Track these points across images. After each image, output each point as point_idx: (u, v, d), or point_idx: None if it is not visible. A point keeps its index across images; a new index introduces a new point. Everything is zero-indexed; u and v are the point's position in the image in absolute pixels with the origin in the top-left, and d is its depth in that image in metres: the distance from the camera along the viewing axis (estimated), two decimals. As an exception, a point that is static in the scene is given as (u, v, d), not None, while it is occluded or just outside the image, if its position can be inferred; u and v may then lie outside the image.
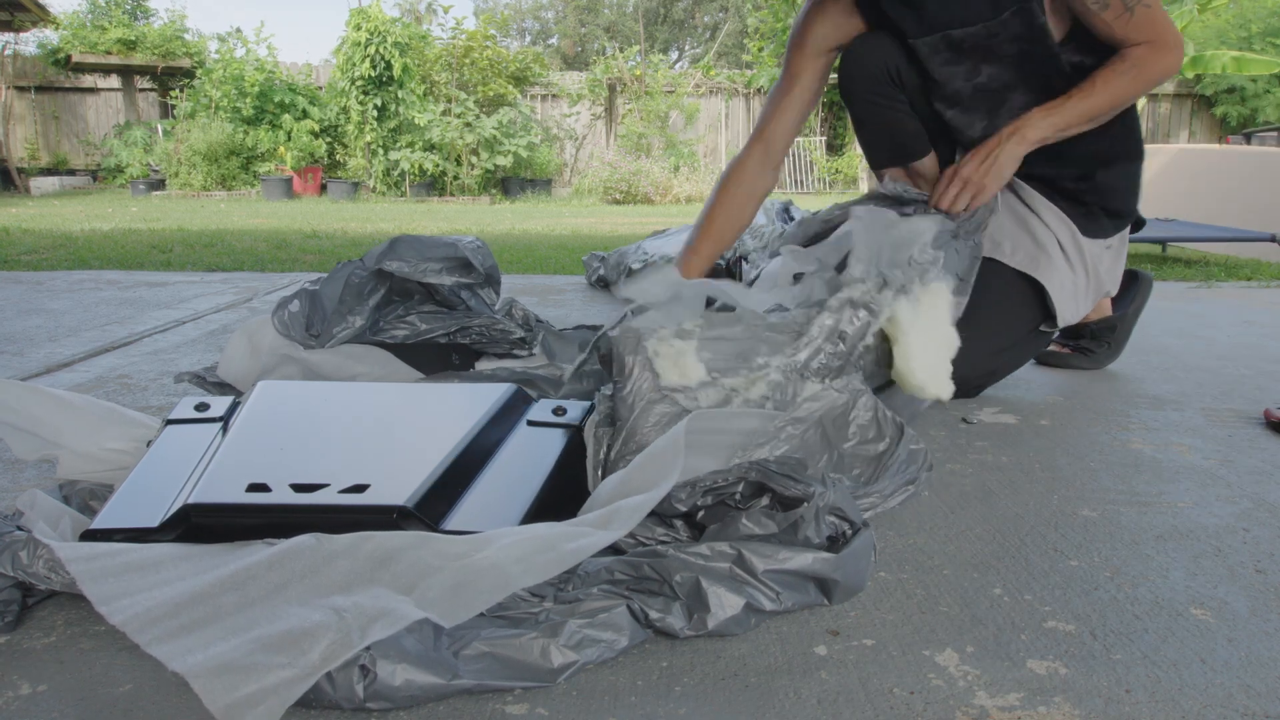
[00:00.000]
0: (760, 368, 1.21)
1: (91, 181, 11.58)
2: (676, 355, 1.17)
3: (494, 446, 1.20)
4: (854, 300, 1.29)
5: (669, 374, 1.16)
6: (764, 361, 1.21)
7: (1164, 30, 1.48)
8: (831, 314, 1.27)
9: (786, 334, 1.24)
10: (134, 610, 0.85)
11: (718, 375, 1.19)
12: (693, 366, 1.17)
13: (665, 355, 1.17)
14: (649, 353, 1.16)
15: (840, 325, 1.27)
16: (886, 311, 1.30)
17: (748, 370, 1.20)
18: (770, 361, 1.22)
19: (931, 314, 1.33)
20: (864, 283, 1.30)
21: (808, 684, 0.83)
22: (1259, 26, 11.66)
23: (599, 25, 23.93)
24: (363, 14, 10.01)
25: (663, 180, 9.82)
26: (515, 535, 0.93)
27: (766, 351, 1.22)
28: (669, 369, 1.16)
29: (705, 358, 1.19)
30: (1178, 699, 0.81)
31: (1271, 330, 2.47)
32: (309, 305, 1.69)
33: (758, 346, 1.22)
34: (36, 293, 2.98)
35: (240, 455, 1.12)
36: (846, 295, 1.29)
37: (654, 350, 1.17)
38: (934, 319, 1.33)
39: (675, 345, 1.18)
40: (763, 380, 1.20)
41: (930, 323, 1.33)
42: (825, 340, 1.25)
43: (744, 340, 1.22)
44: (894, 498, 1.17)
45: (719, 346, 1.20)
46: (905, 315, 1.31)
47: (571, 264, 3.88)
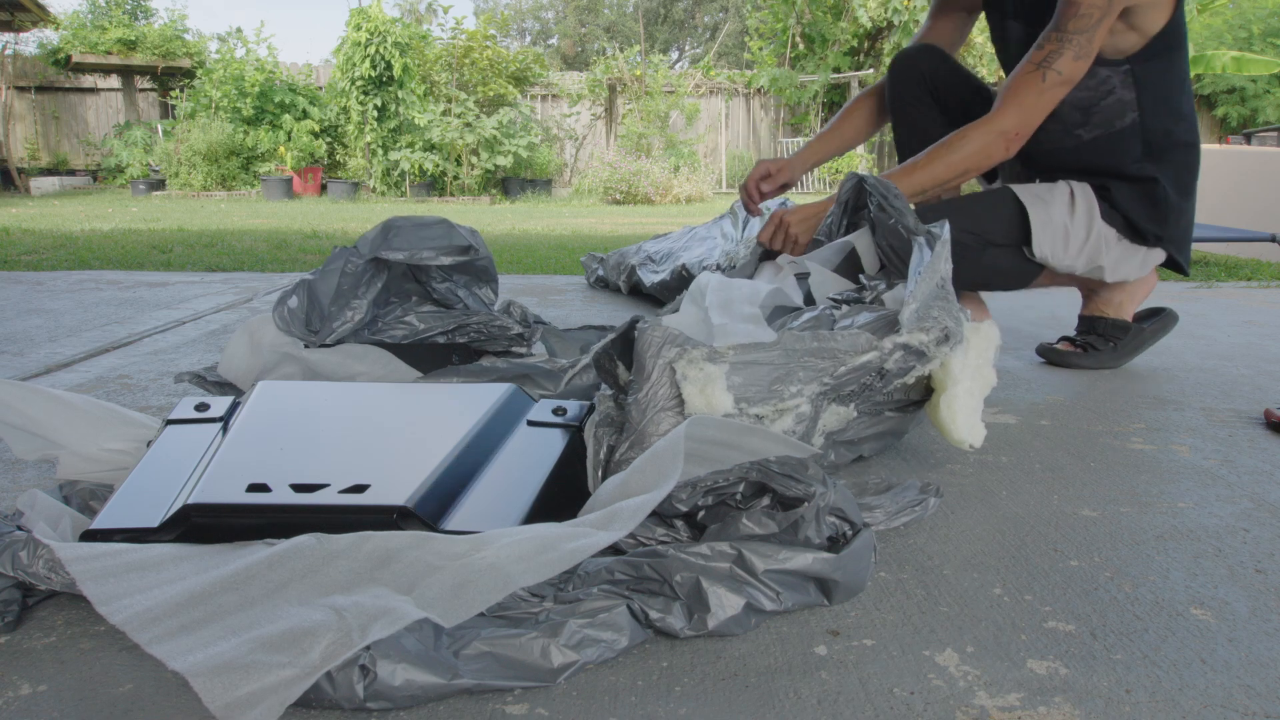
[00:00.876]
0: (792, 397, 1.15)
1: (91, 181, 11.58)
2: (705, 382, 1.10)
3: (494, 446, 1.20)
4: (909, 346, 1.22)
5: (694, 401, 1.10)
6: (796, 390, 1.16)
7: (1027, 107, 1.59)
8: (880, 354, 1.20)
9: (826, 360, 1.18)
10: (134, 610, 0.85)
11: (745, 405, 1.13)
12: (720, 396, 1.10)
13: (693, 380, 1.10)
14: (677, 375, 1.11)
15: (885, 365, 1.21)
16: (938, 361, 1.25)
17: (778, 401, 1.15)
18: (804, 390, 1.16)
19: (979, 359, 1.28)
20: (925, 334, 1.23)
21: (808, 684, 0.83)
22: (1259, 27, 11.67)
23: (599, 25, 23.94)
24: (363, 14, 10.01)
25: (663, 180, 9.82)
26: (515, 535, 0.93)
27: (802, 379, 1.16)
28: (695, 396, 1.10)
29: (735, 383, 1.12)
30: (1178, 699, 0.81)
31: (1271, 330, 2.47)
32: (307, 300, 1.69)
33: (794, 373, 1.16)
34: (36, 293, 2.98)
35: (240, 455, 1.12)
36: (904, 340, 1.21)
37: (682, 374, 1.11)
38: (981, 363, 1.28)
39: (705, 370, 1.11)
40: (791, 413, 1.16)
41: (977, 368, 1.28)
42: (865, 374, 1.21)
43: (781, 365, 1.15)
44: (899, 517, 1.17)
45: (753, 371, 1.13)
46: (956, 365, 1.25)
47: (571, 264, 3.88)
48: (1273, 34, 11.54)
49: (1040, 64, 1.58)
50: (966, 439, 1.27)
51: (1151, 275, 1.94)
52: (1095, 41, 1.58)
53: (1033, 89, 1.59)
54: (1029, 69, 1.60)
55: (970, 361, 1.27)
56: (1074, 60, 1.57)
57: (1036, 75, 1.59)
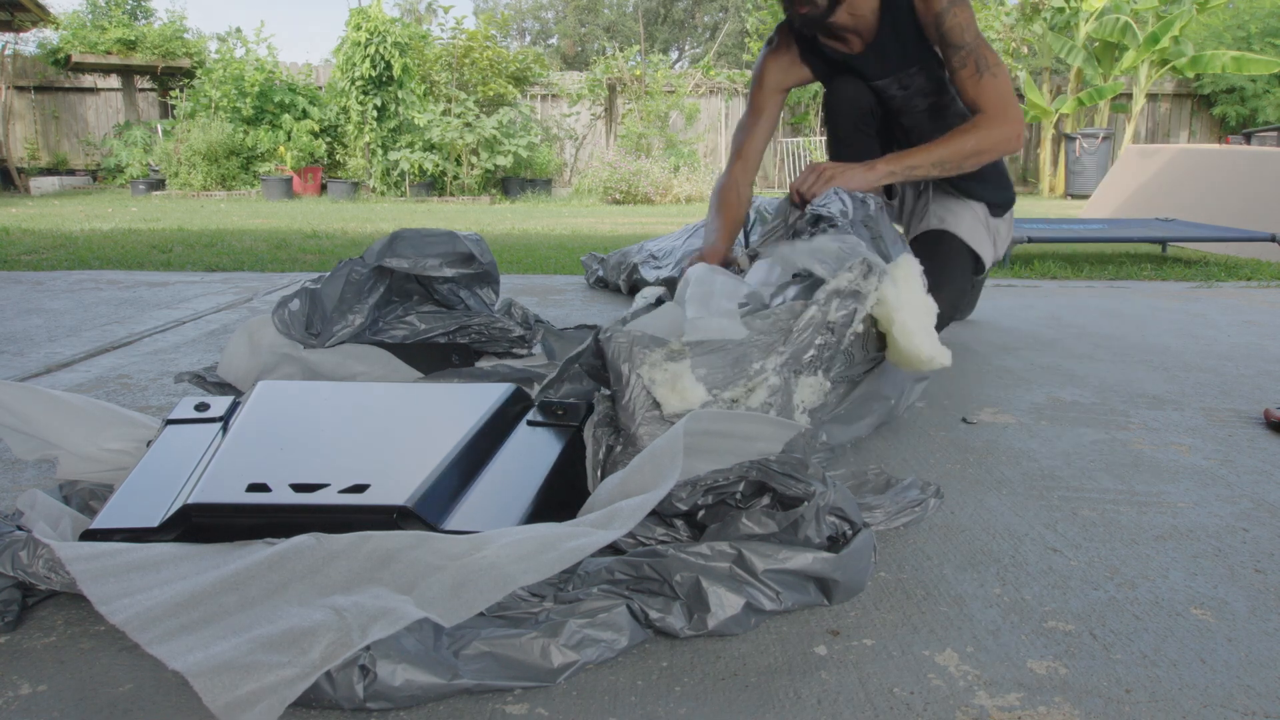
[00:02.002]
0: (758, 373, 1.20)
1: (91, 181, 11.58)
2: (673, 380, 1.14)
3: (494, 446, 1.20)
4: (840, 290, 1.28)
5: (670, 400, 1.13)
6: (759, 366, 1.20)
7: (1006, 104, 1.84)
8: (819, 306, 1.27)
9: (775, 333, 1.23)
10: (134, 610, 0.85)
11: (717, 391, 1.16)
12: (691, 388, 1.14)
13: (662, 382, 1.13)
14: (645, 380, 1.13)
15: (828, 316, 1.27)
16: (873, 296, 1.30)
17: (745, 379, 1.18)
18: (766, 364, 1.21)
19: (910, 286, 1.34)
20: (850, 271, 1.30)
21: (808, 684, 0.83)
22: (1257, 26, 11.66)
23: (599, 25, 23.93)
24: (363, 14, 10.01)
25: (663, 180, 9.82)
26: (515, 535, 0.93)
27: (759, 354, 1.21)
28: (668, 395, 1.13)
29: (701, 374, 1.16)
30: (1178, 699, 0.81)
31: (1271, 330, 2.47)
32: (309, 304, 1.69)
33: (750, 352, 1.20)
34: (36, 293, 2.98)
35: (240, 455, 1.12)
36: (833, 286, 1.29)
37: (649, 378, 1.14)
38: (914, 290, 1.34)
39: (669, 369, 1.14)
40: (762, 386, 1.19)
41: (913, 295, 1.33)
42: (814, 333, 1.25)
43: (736, 348, 1.19)
44: (899, 518, 1.17)
45: (712, 360, 1.17)
46: (891, 295, 1.31)
47: (571, 264, 3.88)
48: (1271, 34, 11.53)
49: (978, 71, 1.84)
50: (935, 357, 1.31)
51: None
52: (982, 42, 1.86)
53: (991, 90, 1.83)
54: (974, 80, 1.85)
55: (903, 290, 1.32)
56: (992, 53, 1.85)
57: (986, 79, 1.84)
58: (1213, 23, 11.64)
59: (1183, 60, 10.26)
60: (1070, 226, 4.54)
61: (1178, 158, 5.80)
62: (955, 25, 1.84)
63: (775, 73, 2.11)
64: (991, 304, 2.88)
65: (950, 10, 1.84)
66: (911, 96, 2.01)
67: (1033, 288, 3.27)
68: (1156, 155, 6.02)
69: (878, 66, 1.99)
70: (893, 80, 2.00)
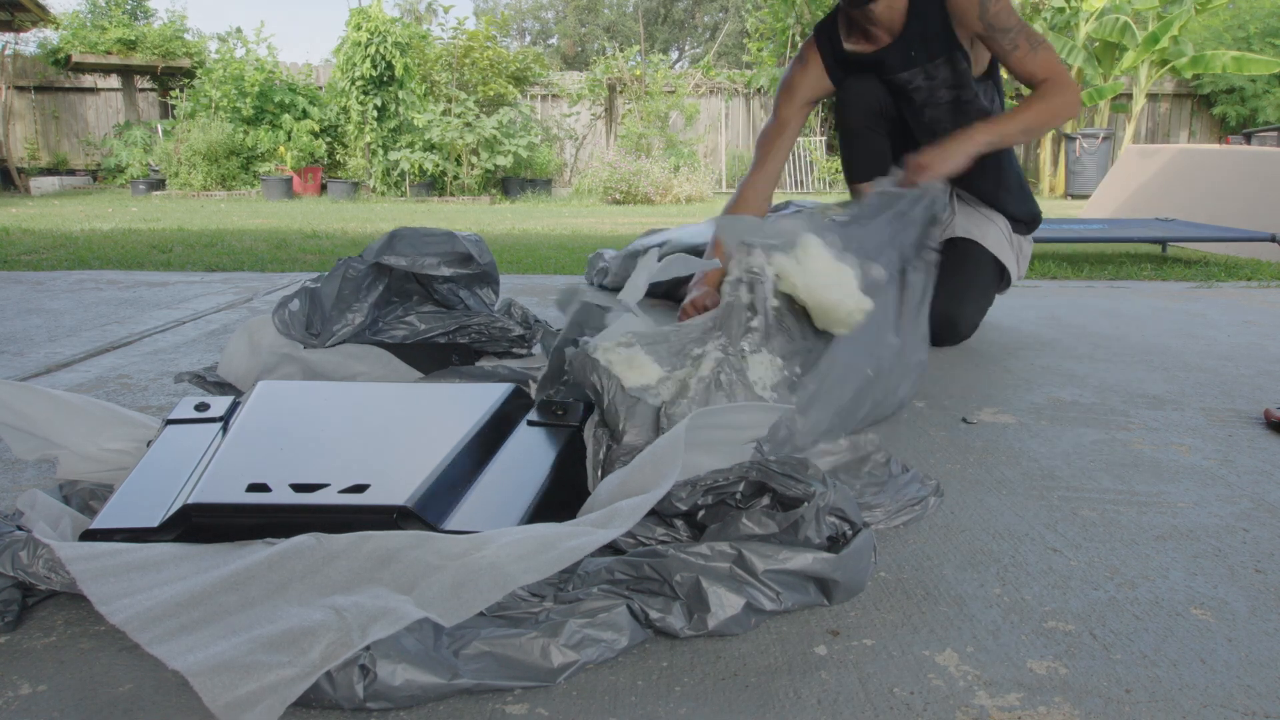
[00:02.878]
0: (700, 355, 1.29)
1: (91, 181, 11.58)
2: (629, 359, 1.23)
3: (494, 446, 1.20)
4: (738, 278, 1.37)
5: (629, 377, 1.22)
6: (700, 350, 1.29)
7: (1062, 71, 1.94)
8: (729, 295, 1.35)
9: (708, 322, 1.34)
10: (134, 610, 0.85)
11: (668, 369, 1.26)
12: (648, 365, 1.24)
13: (619, 361, 1.23)
14: (603, 364, 1.21)
15: (741, 300, 1.35)
16: (770, 269, 1.38)
17: (690, 360, 1.28)
18: (706, 347, 1.30)
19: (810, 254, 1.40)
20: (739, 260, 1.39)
21: (808, 684, 0.83)
22: (1257, 26, 11.66)
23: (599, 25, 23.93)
24: (363, 14, 10.01)
25: (663, 180, 9.82)
26: (515, 534, 0.93)
27: (697, 343, 1.31)
28: (627, 372, 1.22)
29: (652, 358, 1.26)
30: (1177, 699, 0.81)
31: (1271, 330, 2.47)
32: (309, 304, 1.70)
33: (688, 343, 1.31)
34: (36, 293, 2.98)
35: (240, 455, 1.12)
36: (733, 277, 1.38)
37: (608, 361, 1.22)
38: (816, 257, 1.40)
39: (623, 352, 1.24)
40: (707, 358, 1.28)
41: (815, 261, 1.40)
42: (737, 317, 1.33)
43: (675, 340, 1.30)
44: (899, 516, 1.17)
45: (658, 349, 1.27)
46: (789, 266, 1.38)
47: (572, 264, 3.88)
48: (1271, 34, 11.52)
49: (1031, 47, 1.92)
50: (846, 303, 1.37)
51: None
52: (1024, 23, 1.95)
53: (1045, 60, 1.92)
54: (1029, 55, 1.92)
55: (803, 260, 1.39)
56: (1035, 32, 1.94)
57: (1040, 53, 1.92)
58: (1213, 23, 11.64)
59: (1183, 60, 10.26)
60: (1070, 226, 4.54)
61: (1178, 158, 5.80)
62: (998, 12, 1.92)
63: (804, 87, 2.18)
64: (994, 306, 2.88)
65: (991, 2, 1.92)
66: (936, 89, 2.04)
67: (1033, 288, 3.27)
68: (1156, 155, 6.02)
69: (903, 59, 2.03)
70: (919, 71, 2.03)
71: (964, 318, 2.16)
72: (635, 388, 1.22)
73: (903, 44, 2.02)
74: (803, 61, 2.18)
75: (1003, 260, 2.20)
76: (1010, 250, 2.22)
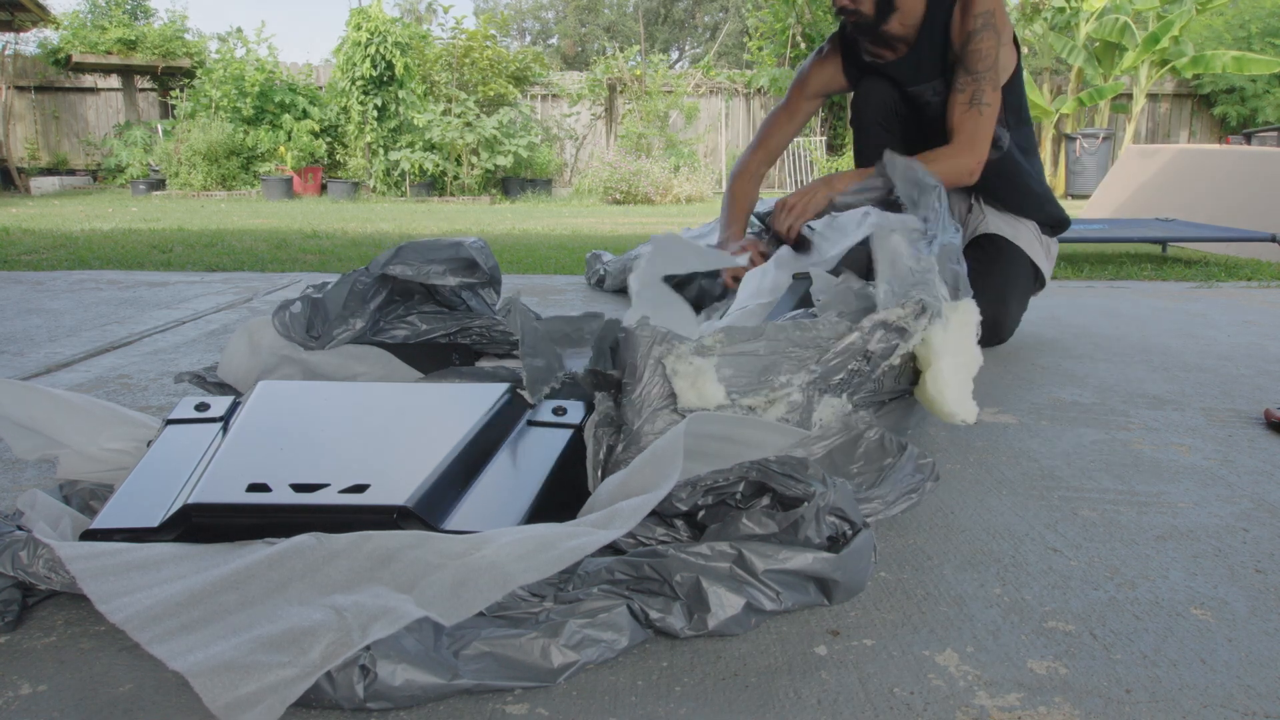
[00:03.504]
0: (782, 386, 1.17)
1: (91, 181, 11.58)
2: (695, 375, 1.12)
3: (494, 446, 1.20)
4: (888, 323, 1.24)
5: (687, 396, 1.11)
6: (786, 380, 1.17)
7: (977, 140, 1.97)
8: (861, 335, 1.22)
9: (810, 349, 1.20)
10: (134, 608, 0.85)
11: (736, 396, 1.14)
12: (711, 388, 1.12)
13: (684, 375, 1.12)
14: (667, 370, 1.12)
15: (869, 345, 1.23)
16: (919, 336, 1.26)
17: (768, 391, 1.16)
18: (793, 380, 1.18)
19: (960, 334, 1.30)
20: (902, 309, 1.25)
21: (808, 684, 0.83)
22: (1258, 26, 11.66)
23: (599, 25, 23.93)
24: (363, 14, 10.01)
25: (663, 180, 9.82)
26: (515, 534, 0.93)
27: (789, 368, 1.18)
28: (687, 390, 1.12)
29: (725, 375, 1.14)
30: (1177, 699, 0.81)
31: (1271, 330, 2.47)
32: (310, 308, 1.70)
33: (780, 363, 1.17)
34: (36, 293, 2.98)
35: (240, 455, 1.12)
36: (881, 318, 1.24)
37: (672, 369, 1.12)
38: (963, 339, 1.30)
39: (694, 364, 1.12)
40: (783, 400, 1.17)
41: (960, 343, 1.29)
42: (849, 358, 1.22)
43: (767, 356, 1.17)
44: (896, 505, 1.16)
45: (740, 363, 1.15)
46: (938, 339, 1.27)
47: (572, 264, 3.88)
48: (1272, 33, 11.52)
49: (971, 102, 1.96)
50: (958, 413, 1.27)
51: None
52: (999, 75, 1.97)
53: (973, 124, 1.96)
54: (964, 108, 1.97)
55: (951, 336, 1.28)
56: (993, 91, 1.96)
57: (974, 112, 1.95)
58: (1214, 23, 11.64)
59: (1183, 60, 10.27)
60: (1071, 226, 4.53)
61: (1178, 158, 5.80)
62: (976, 50, 1.95)
63: (818, 80, 2.25)
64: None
65: (980, 34, 1.93)
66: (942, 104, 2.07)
67: (1033, 288, 3.26)
68: (1156, 155, 6.02)
69: (914, 73, 2.09)
70: (928, 87, 2.08)
71: (1009, 316, 2.15)
72: (687, 407, 1.11)
73: (915, 57, 2.07)
74: (822, 55, 2.24)
75: (1036, 262, 2.22)
76: (1042, 249, 2.24)
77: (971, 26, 1.94)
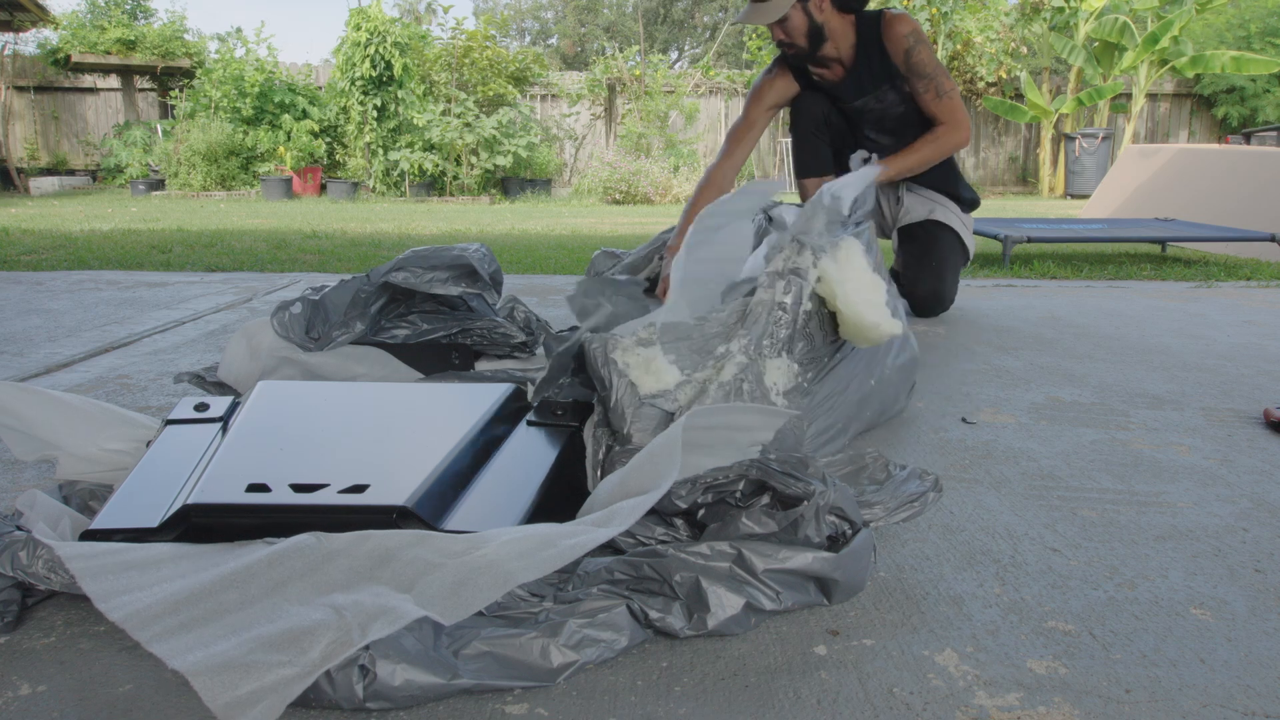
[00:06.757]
0: (724, 355, 1.26)
1: (91, 181, 11.57)
2: (646, 362, 1.20)
3: (494, 446, 1.20)
4: (780, 271, 1.33)
5: (645, 382, 1.19)
6: (725, 349, 1.26)
7: (960, 116, 2.38)
8: (765, 289, 1.32)
9: (734, 318, 1.30)
10: (134, 607, 0.85)
11: (689, 371, 1.23)
12: (665, 369, 1.21)
13: (636, 365, 1.20)
14: (619, 365, 1.19)
15: (776, 297, 1.32)
16: (814, 272, 1.35)
17: (713, 360, 1.25)
18: (730, 347, 1.27)
19: (852, 263, 1.37)
20: (783, 251, 1.35)
21: (808, 684, 0.83)
22: (1258, 26, 11.66)
23: (599, 25, 23.92)
24: (363, 14, 10.00)
25: (663, 180, 9.81)
26: (514, 533, 0.93)
27: (722, 340, 1.27)
28: (643, 377, 1.20)
29: (671, 359, 1.22)
30: (1177, 699, 0.81)
31: (1271, 330, 2.47)
32: (310, 310, 1.69)
33: (713, 340, 1.27)
34: (36, 293, 2.98)
35: (240, 455, 1.12)
36: (773, 269, 1.34)
37: (624, 362, 1.20)
38: (857, 267, 1.38)
39: (641, 354, 1.21)
40: (730, 363, 1.25)
41: (856, 271, 1.37)
42: (768, 315, 1.30)
43: (698, 339, 1.26)
44: (898, 514, 1.16)
45: (680, 346, 1.24)
46: (831, 270, 1.35)
47: (571, 264, 3.88)
48: (1272, 33, 11.52)
49: (940, 94, 2.36)
50: (881, 325, 1.34)
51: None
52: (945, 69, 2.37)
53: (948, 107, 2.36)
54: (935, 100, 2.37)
55: (844, 267, 1.36)
56: (947, 80, 2.37)
57: (944, 100, 2.37)
58: (1214, 22, 11.64)
59: (1182, 60, 10.26)
60: (1070, 226, 4.54)
61: (1177, 158, 5.80)
62: (919, 60, 2.36)
63: (771, 94, 2.58)
64: (991, 304, 2.89)
65: (915, 49, 2.35)
66: (888, 108, 2.46)
67: (1033, 288, 3.27)
68: (1156, 155, 6.02)
69: (857, 89, 2.46)
70: (871, 98, 2.46)
71: (947, 287, 2.57)
72: (650, 394, 1.19)
73: (855, 75, 2.44)
74: (772, 73, 2.57)
75: (961, 236, 2.58)
76: (963, 226, 2.60)
77: (906, 45, 2.34)
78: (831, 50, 2.41)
